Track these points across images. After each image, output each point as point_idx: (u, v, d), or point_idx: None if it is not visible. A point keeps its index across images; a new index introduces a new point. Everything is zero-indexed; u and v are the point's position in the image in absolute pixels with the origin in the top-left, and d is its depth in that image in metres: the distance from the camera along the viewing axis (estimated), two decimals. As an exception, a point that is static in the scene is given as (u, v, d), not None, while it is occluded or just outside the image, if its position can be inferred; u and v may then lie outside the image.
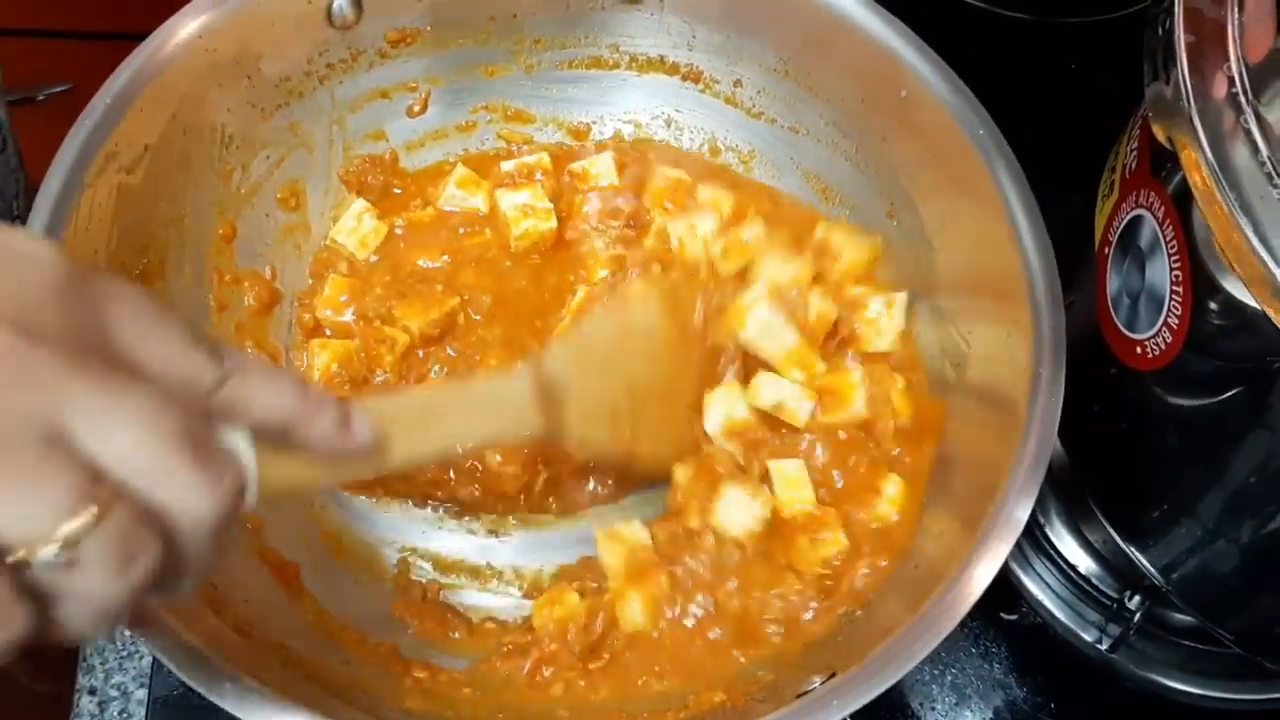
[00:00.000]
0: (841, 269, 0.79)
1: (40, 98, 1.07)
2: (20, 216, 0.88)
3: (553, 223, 0.81)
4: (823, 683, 0.57)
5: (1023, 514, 0.61)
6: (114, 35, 0.90)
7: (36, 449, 0.36)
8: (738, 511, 0.71)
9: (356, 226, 0.82)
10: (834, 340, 0.78)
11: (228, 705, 0.54)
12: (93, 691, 0.75)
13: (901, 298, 0.77)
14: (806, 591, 0.70)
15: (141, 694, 0.75)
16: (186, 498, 0.39)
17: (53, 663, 0.87)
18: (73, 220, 0.65)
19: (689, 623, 0.71)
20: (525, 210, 0.81)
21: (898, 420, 0.75)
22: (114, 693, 0.75)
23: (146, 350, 0.41)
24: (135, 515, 0.38)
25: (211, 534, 0.40)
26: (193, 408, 0.41)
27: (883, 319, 0.77)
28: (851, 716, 0.74)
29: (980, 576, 0.59)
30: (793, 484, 0.73)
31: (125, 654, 0.76)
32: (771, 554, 0.72)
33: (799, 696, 0.56)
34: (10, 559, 0.36)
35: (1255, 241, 0.46)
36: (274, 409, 0.45)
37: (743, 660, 0.69)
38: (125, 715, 0.75)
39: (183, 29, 0.70)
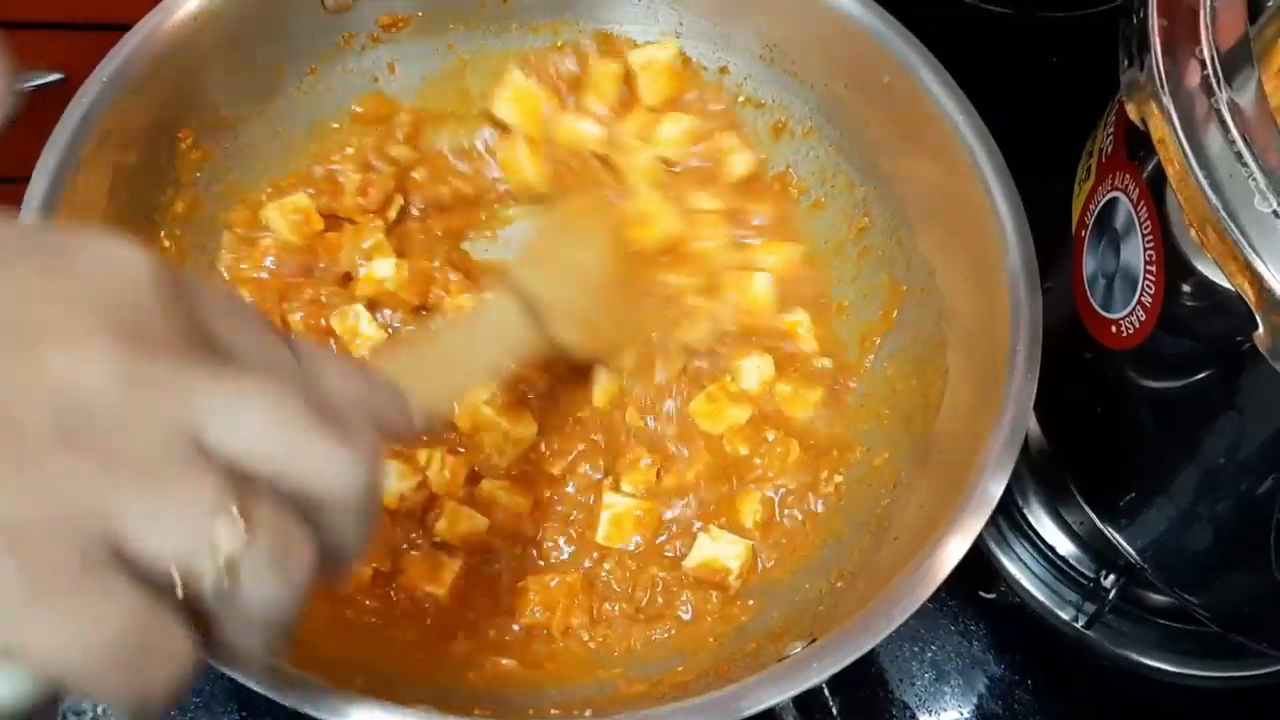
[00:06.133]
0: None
1: (27, 89, 1.07)
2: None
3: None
4: (803, 648, 0.58)
5: (997, 489, 0.62)
6: (108, 26, 0.90)
7: (180, 463, 0.34)
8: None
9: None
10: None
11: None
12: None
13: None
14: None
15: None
16: (333, 471, 0.37)
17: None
18: (68, 197, 0.66)
19: None
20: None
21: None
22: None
23: (241, 341, 0.39)
24: (285, 511, 0.36)
25: (365, 503, 0.38)
26: (305, 385, 0.39)
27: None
28: (834, 692, 0.77)
29: (955, 549, 0.60)
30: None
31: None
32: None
33: (780, 660, 0.57)
34: (169, 585, 0.33)
35: (1225, 218, 0.47)
36: (347, 395, 0.43)
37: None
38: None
39: (179, 10, 0.71)
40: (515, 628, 0.72)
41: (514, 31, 0.85)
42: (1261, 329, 0.48)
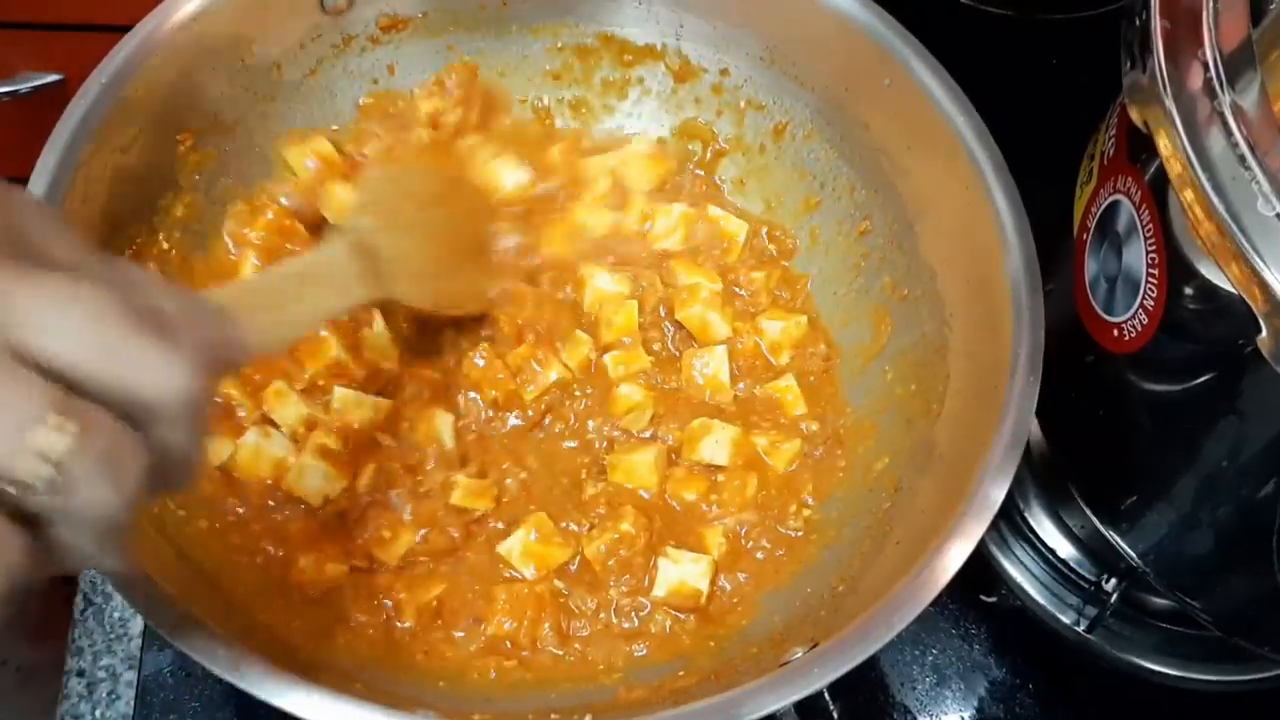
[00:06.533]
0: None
1: (25, 90, 1.07)
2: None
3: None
4: (805, 653, 0.58)
5: (998, 494, 0.62)
6: (107, 27, 0.90)
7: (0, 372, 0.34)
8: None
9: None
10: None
11: (219, 671, 0.54)
12: (81, 673, 0.76)
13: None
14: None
15: (130, 676, 0.75)
16: (159, 376, 0.37)
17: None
18: (68, 197, 0.66)
19: None
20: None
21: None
22: (102, 674, 0.76)
23: (63, 253, 0.39)
24: (116, 417, 0.36)
25: (197, 409, 0.39)
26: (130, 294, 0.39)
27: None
28: (835, 696, 0.77)
29: (957, 553, 0.60)
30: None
31: (114, 636, 0.77)
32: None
33: (782, 665, 0.57)
34: None
35: (1228, 222, 0.47)
36: (175, 309, 0.42)
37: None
38: (114, 696, 0.75)
39: (178, 11, 0.71)
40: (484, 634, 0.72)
41: (514, 34, 0.85)
42: (1265, 333, 0.48)
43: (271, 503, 0.72)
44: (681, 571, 0.72)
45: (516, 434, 0.78)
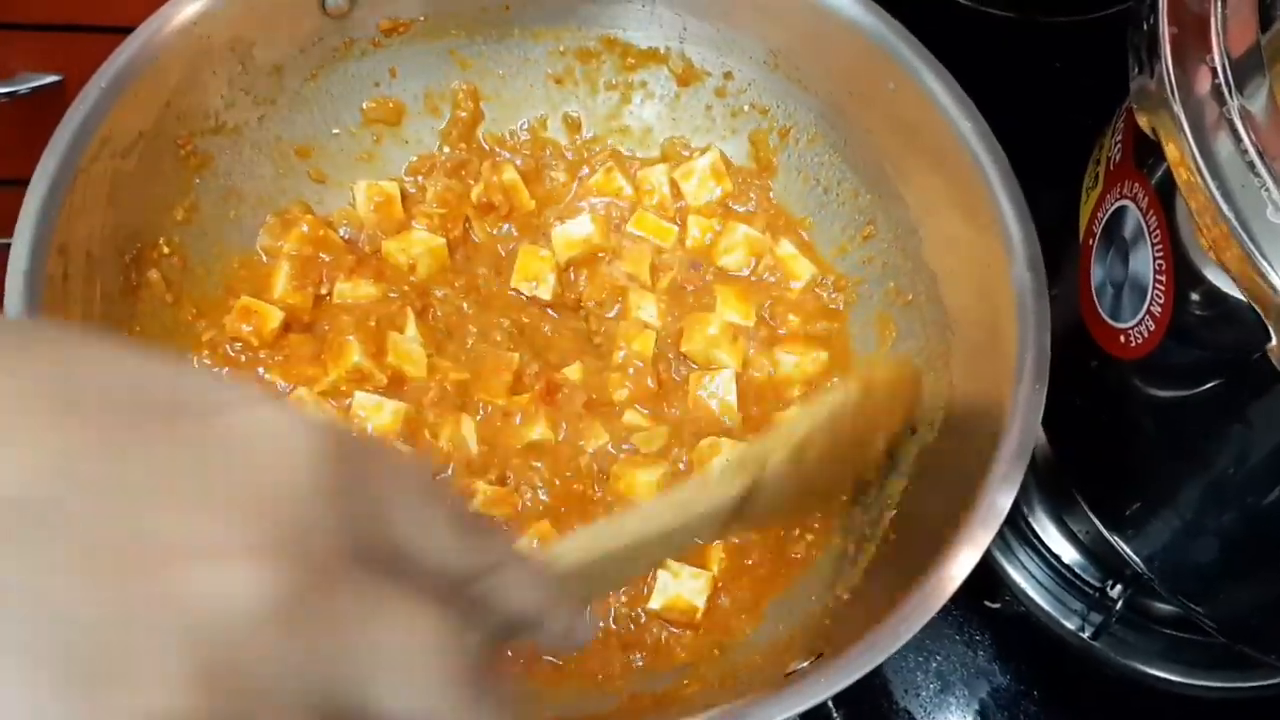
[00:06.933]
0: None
1: (25, 90, 1.07)
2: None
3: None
4: (810, 664, 0.58)
5: (1005, 502, 0.62)
6: (107, 29, 0.89)
7: None
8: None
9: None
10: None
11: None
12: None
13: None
14: None
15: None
16: None
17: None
18: (67, 204, 0.65)
19: None
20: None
21: None
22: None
23: (422, 544, 0.31)
24: None
25: None
26: (470, 626, 0.32)
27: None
28: (838, 703, 0.76)
29: (963, 562, 0.59)
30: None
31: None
32: None
33: (786, 676, 0.57)
34: None
35: (1237, 228, 0.47)
36: (518, 611, 0.36)
37: None
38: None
39: (177, 15, 0.71)
40: None
41: (515, 37, 0.85)
42: (1274, 340, 0.47)
43: None
44: (680, 586, 0.72)
45: (532, 444, 0.77)
